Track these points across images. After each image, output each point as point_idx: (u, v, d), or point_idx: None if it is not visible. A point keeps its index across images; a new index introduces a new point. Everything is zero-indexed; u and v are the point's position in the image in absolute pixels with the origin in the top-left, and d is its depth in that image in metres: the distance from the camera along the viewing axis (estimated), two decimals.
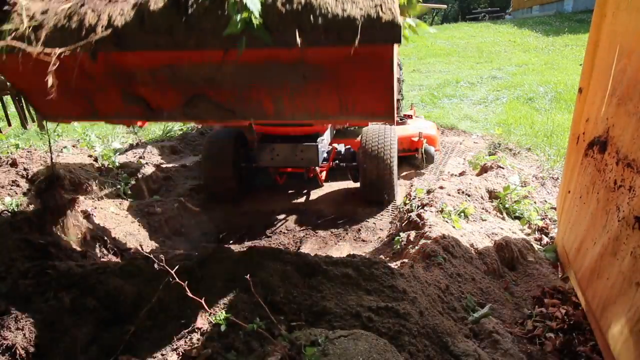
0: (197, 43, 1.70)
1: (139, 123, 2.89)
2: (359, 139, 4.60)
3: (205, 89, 2.11)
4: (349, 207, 4.59)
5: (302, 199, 4.87)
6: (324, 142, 4.50)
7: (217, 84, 2.07)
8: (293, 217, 4.52)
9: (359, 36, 1.56)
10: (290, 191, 4.96)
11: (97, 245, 3.34)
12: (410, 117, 5.84)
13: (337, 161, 4.74)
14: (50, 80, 1.68)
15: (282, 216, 4.57)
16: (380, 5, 1.58)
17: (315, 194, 4.95)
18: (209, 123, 2.38)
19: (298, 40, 1.59)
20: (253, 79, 2.03)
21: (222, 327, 1.93)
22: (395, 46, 1.76)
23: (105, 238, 3.36)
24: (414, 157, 5.26)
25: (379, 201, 4.52)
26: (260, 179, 5.08)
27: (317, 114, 2.20)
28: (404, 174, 5.34)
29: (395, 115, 2.16)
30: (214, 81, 2.05)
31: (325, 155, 4.58)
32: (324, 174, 4.83)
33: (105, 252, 3.38)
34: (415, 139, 5.13)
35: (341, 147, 4.84)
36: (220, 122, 2.44)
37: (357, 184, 4.66)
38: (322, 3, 1.59)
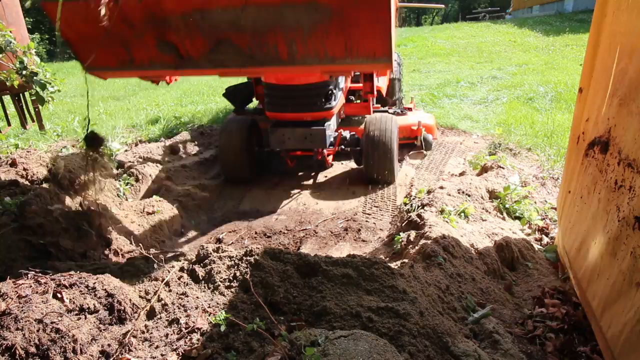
0: None
1: (167, 78, 3.21)
2: (362, 127, 5.17)
3: (229, 34, 2.46)
4: (353, 188, 5.14)
5: (311, 181, 5.42)
6: (331, 127, 4.95)
7: (239, 28, 2.42)
8: (293, 217, 4.52)
9: None
10: (300, 173, 5.56)
11: (98, 245, 3.34)
12: (410, 109, 6.23)
13: (342, 146, 5.22)
14: (102, 10, 2.19)
15: (280, 215, 4.57)
16: None
17: (322, 176, 5.52)
18: (229, 74, 2.84)
19: None
20: (271, 22, 2.38)
21: (222, 327, 1.93)
22: None
23: (106, 238, 3.36)
24: (413, 145, 5.79)
25: (380, 182, 5.06)
26: (272, 164, 5.63)
27: (326, 57, 2.50)
28: (411, 153, 5.93)
29: (393, 59, 2.46)
30: (237, 26, 2.41)
31: (332, 139, 5.05)
32: (330, 157, 5.37)
33: (106, 252, 3.38)
34: (415, 128, 5.65)
35: (346, 133, 5.35)
36: (240, 69, 2.69)
37: (361, 167, 5.17)
38: None
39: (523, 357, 2.15)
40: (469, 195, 3.83)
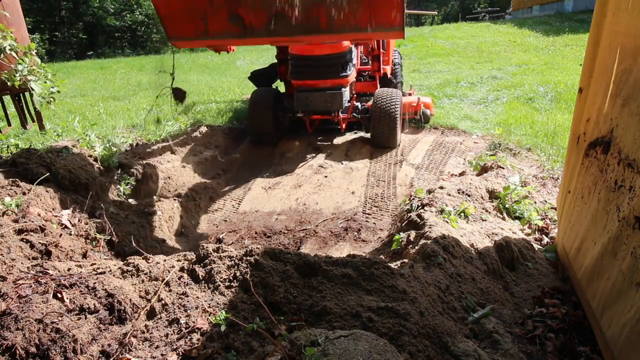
0: None
1: (229, 48, 4.56)
2: (371, 102, 6.17)
3: (284, 9, 3.30)
4: (362, 151, 6.13)
5: (327, 142, 6.53)
6: (346, 93, 5.85)
7: (292, 4, 3.27)
8: (293, 217, 4.51)
9: None
10: (319, 137, 6.69)
11: (98, 245, 3.34)
12: (410, 94, 7.49)
13: (354, 113, 6.31)
14: None
15: (280, 215, 4.57)
16: None
17: (337, 141, 6.57)
18: (280, 42, 4.36)
19: None
20: (316, 3, 3.25)
21: (222, 327, 1.93)
22: None
23: (107, 238, 3.36)
24: (414, 120, 6.94)
25: (384, 146, 6.07)
26: (293, 128, 6.77)
27: (355, 27, 3.35)
28: (407, 130, 6.92)
29: (404, 29, 3.31)
30: (290, 2, 3.27)
31: (346, 104, 6.00)
32: (344, 124, 6.40)
33: (106, 252, 3.38)
34: (415, 104, 6.80)
35: (358, 104, 6.44)
36: (292, 37, 3.66)
37: (369, 135, 6.24)
38: None
39: (523, 357, 2.15)
40: (469, 195, 3.83)
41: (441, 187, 3.98)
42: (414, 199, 4.12)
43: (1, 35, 3.86)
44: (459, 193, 3.86)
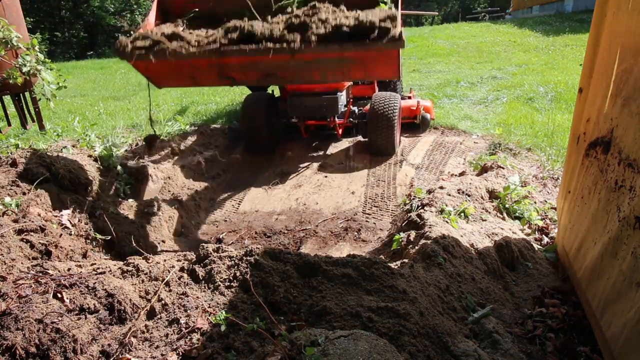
0: (274, 53, 2.73)
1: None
2: (368, 106, 5.90)
3: (276, 72, 3.32)
4: (360, 158, 5.85)
5: (322, 152, 6.17)
6: (342, 98, 5.63)
7: (284, 69, 3.26)
8: (293, 217, 4.51)
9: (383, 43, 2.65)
10: (313, 144, 6.30)
11: (98, 245, 3.34)
12: (409, 97, 7.17)
13: (351, 119, 6.13)
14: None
15: (280, 215, 4.57)
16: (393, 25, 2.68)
17: (333, 148, 6.29)
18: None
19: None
20: (309, 65, 3.15)
21: (222, 327, 1.92)
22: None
23: (107, 238, 3.36)
24: (413, 124, 6.56)
25: (382, 153, 5.75)
26: (287, 134, 6.41)
27: (348, 78, 3.93)
28: (406, 135, 6.63)
29: (400, 73, 3.22)
30: (282, 68, 3.24)
31: (342, 109, 5.76)
32: (340, 129, 6.08)
33: (106, 252, 3.38)
34: (414, 108, 6.46)
35: (355, 109, 6.25)
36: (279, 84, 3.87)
37: (366, 140, 5.95)
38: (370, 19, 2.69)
39: (523, 357, 2.15)
40: (469, 195, 3.83)
41: (441, 187, 3.98)
42: (414, 199, 4.12)
43: (5, 28, 3.86)
44: (459, 193, 3.86)
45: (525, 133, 6.11)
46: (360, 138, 6.38)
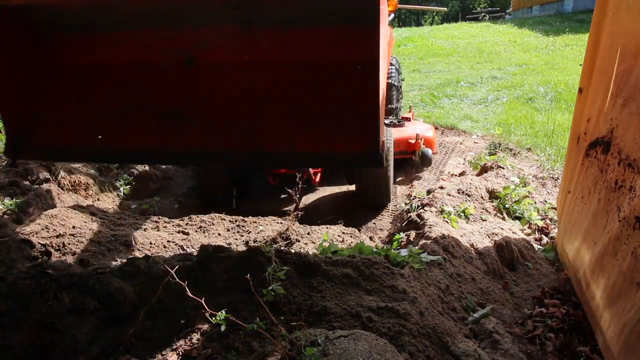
0: None
1: None
2: None
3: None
4: (346, 212, 4.37)
5: (292, 207, 4.25)
6: None
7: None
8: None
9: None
10: (282, 196, 4.15)
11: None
12: (408, 119, 5.66)
13: None
14: None
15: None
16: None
17: (307, 199, 4.71)
18: None
19: None
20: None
21: (222, 327, 1.92)
22: None
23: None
24: (411, 160, 5.09)
25: (374, 204, 4.49)
26: (252, 182, 4.96)
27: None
28: (399, 179, 5.24)
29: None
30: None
31: None
32: (318, 175, 4.59)
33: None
34: (413, 141, 4.93)
35: None
36: None
37: (353, 187, 4.63)
38: None
39: (523, 357, 2.15)
40: (469, 195, 3.83)
41: (441, 187, 3.98)
42: (414, 199, 4.12)
43: None
44: (459, 193, 3.86)
45: (525, 133, 6.11)
46: (345, 187, 5.03)
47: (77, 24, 1.69)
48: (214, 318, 1.99)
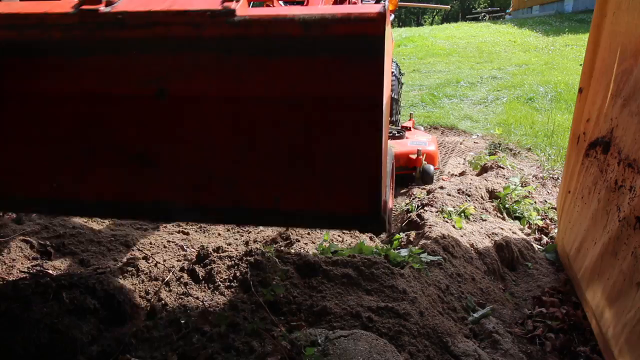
0: None
1: None
2: None
3: None
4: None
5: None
6: None
7: None
8: None
9: None
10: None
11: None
12: (408, 129, 5.25)
13: None
14: None
15: None
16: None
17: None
18: None
19: None
20: None
21: (222, 327, 1.92)
22: None
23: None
24: (411, 176, 4.67)
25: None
26: None
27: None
28: (402, 191, 4.76)
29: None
30: None
31: None
32: None
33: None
34: (414, 157, 4.50)
35: None
36: None
37: None
38: None
39: (523, 357, 2.15)
40: (469, 195, 3.83)
41: (441, 187, 3.98)
42: (414, 199, 4.12)
43: None
44: (459, 193, 3.86)
45: (525, 133, 6.11)
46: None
47: (22, 44, 1.30)
48: (214, 318, 1.99)
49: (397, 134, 4.93)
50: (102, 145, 1.31)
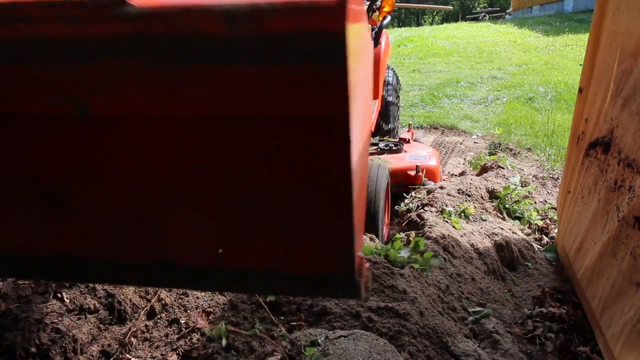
0: None
1: None
2: None
3: None
4: None
5: None
6: None
7: None
8: None
9: None
10: None
11: None
12: (407, 141, 4.72)
13: None
14: None
15: None
16: None
17: None
18: None
19: None
20: None
21: (223, 327, 1.93)
22: None
23: None
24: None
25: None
26: None
27: None
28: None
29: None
30: None
31: None
32: None
33: None
34: (412, 173, 4.06)
35: None
36: None
37: None
38: None
39: (523, 357, 2.15)
40: (469, 195, 3.83)
41: (441, 187, 3.98)
42: (414, 199, 4.12)
43: None
44: (459, 193, 3.86)
45: (525, 133, 6.11)
46: None
47: None
48: (214, 318, 1.99)
49: (394, 147, 4.44)
50: (5, 181, 0.97)
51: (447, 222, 3.34)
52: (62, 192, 0.95)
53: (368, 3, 4.19)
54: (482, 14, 29.26)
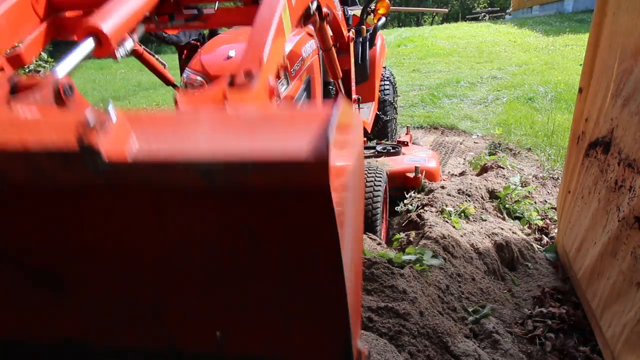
0: None
1: None
2: None
3: None
4: None
5: None
6: None
7: None
8: None
9: None
10: None
11: None
12: (405, 144, 4.63)
13: None
14: None
15: None
16: None
17: None
18: None
19: None
20: None
21: None
22: None
23: None
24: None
25: None
26: None
27: None
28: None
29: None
30: None
31: None
32: None
33: None
34: (411, 175, 3.97)
35: None
36: None
37: None
38: None
39: (523, 357, 2.15)
40: (469, 195, 3.83)
41: (441, 187, 3.98)
42: (414, 199, 4.12)
43: None
44: (459, 193, 3.85)
45: (525, 133, 6.11)
46: None
47: None
48: None
49: (392, 150, 4.41)
50: None
51: (447, 222, 3.34)
52: (57, 272, 0.87)
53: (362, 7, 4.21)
54: (482, 14, 29.25)
